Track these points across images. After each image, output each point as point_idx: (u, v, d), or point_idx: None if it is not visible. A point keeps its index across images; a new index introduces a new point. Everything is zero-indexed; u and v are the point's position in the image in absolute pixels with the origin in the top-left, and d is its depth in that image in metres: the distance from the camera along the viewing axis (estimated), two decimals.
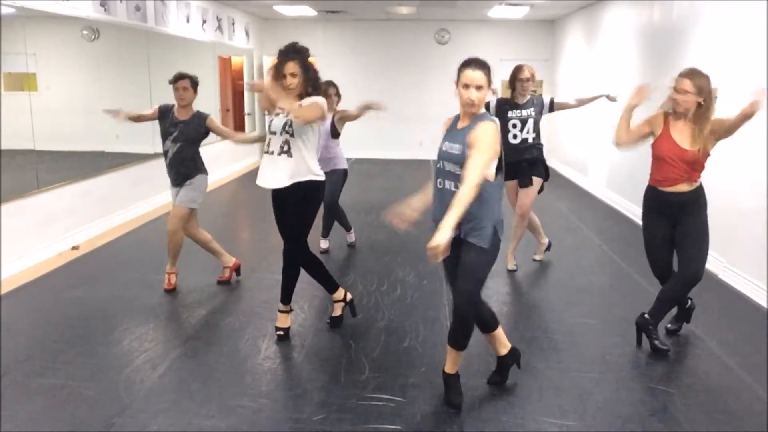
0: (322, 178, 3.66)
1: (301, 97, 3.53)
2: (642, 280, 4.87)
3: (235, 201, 8.43)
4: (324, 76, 3.86)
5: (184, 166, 4.45)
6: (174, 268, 4.59)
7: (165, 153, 4.48)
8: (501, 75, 11.86)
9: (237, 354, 3.55)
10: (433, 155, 3.19)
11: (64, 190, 5.69)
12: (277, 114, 3.54)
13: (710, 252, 5.20)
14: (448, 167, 2.83)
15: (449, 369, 3.01)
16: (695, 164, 3.39)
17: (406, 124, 11.73)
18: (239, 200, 8.48)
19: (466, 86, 2.75)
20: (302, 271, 3.82)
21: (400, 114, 11.81)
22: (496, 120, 2.90)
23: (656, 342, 3.56)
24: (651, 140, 3.53)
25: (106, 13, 6.23)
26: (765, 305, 4.34)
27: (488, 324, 3.07)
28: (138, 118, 4.57)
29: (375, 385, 3.18)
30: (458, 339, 2.92)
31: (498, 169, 2.82)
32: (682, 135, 3.39)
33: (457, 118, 2.92)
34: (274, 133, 3.52)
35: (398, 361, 3.45)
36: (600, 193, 8.40)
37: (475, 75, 2.74)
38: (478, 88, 2.74)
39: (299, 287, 4.62)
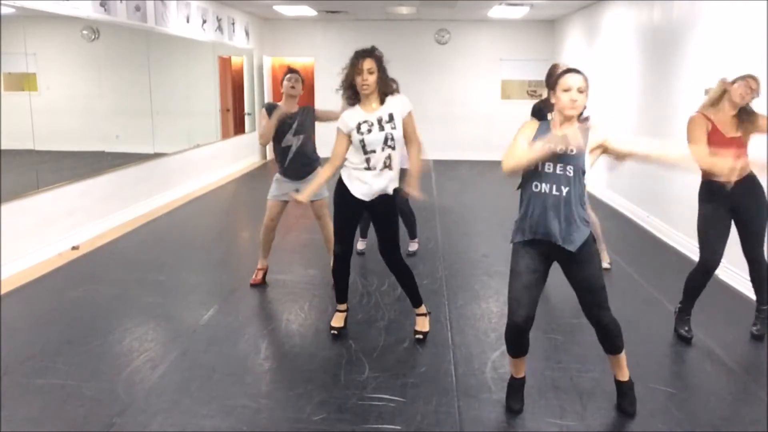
0: None
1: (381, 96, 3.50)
2: (642, 280, 4.87)
3: (235, 201, 8.42)
4: (324, 76, 3.87)
5: (308, 158, 4.45)
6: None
7: (286, 149, 4.41)
8: (501, 75, 11.97)
9: (237, 354, 3.55)
10: (434, 156, 3.16)
11: (64, 190, 5.69)
12: (369, 130, 3.44)
13: None
14: (562, 170, 2.67)
15: (624, 376, 3.00)
16: (744, 148, 3.58)
17: None
18: (239, 200, 8.48)
19: (567, 89, 2.68)
20: (303, 272, 3.81)
21: None
22: None
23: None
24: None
25: (106, 13, 6.24)
26: None
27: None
28: (269, 131, 4.34)
29: (375, 385, 3.18)
30: (621, 344, 2.95)
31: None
32: (725, 126, 3.56)
33: (542, 125, 2.79)
34: (374, 151, 3.48)
35: (398, 361, 3.45)
36: (600, 193, 8.40)
37: (576, 78, 2.69)
38: (580, 90, 2.68)
39: (298, 287, 4.62)
